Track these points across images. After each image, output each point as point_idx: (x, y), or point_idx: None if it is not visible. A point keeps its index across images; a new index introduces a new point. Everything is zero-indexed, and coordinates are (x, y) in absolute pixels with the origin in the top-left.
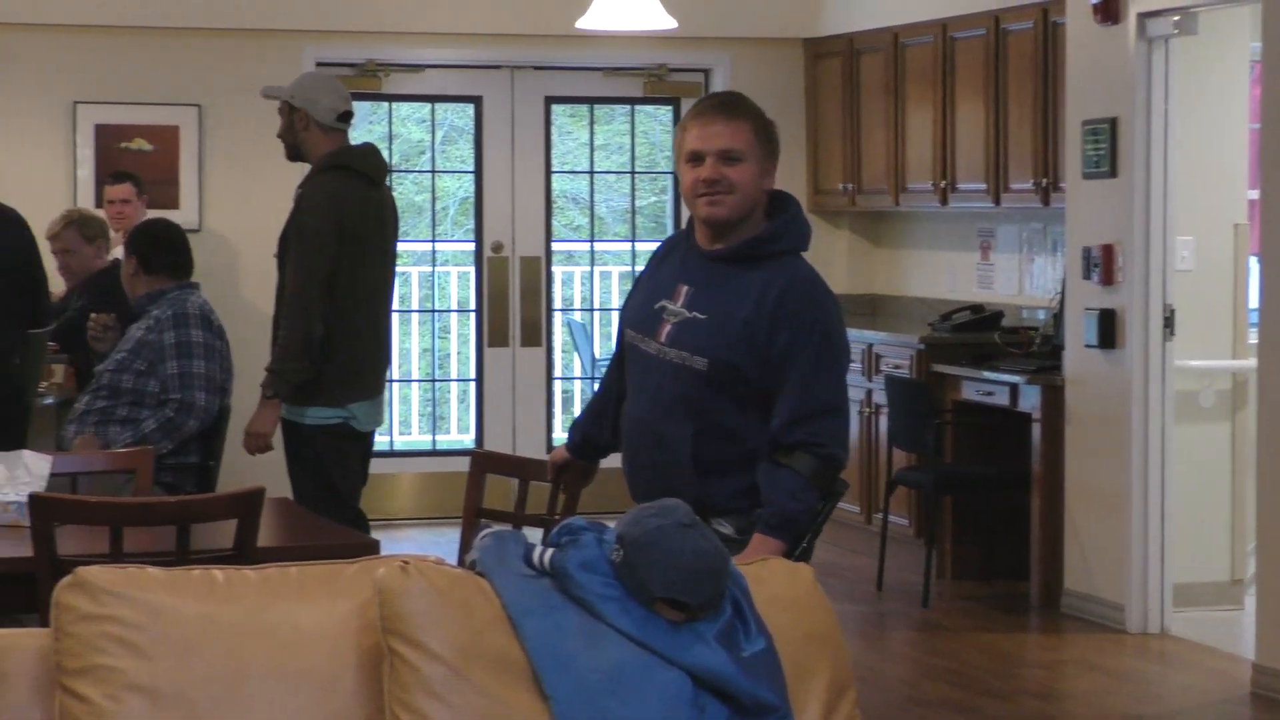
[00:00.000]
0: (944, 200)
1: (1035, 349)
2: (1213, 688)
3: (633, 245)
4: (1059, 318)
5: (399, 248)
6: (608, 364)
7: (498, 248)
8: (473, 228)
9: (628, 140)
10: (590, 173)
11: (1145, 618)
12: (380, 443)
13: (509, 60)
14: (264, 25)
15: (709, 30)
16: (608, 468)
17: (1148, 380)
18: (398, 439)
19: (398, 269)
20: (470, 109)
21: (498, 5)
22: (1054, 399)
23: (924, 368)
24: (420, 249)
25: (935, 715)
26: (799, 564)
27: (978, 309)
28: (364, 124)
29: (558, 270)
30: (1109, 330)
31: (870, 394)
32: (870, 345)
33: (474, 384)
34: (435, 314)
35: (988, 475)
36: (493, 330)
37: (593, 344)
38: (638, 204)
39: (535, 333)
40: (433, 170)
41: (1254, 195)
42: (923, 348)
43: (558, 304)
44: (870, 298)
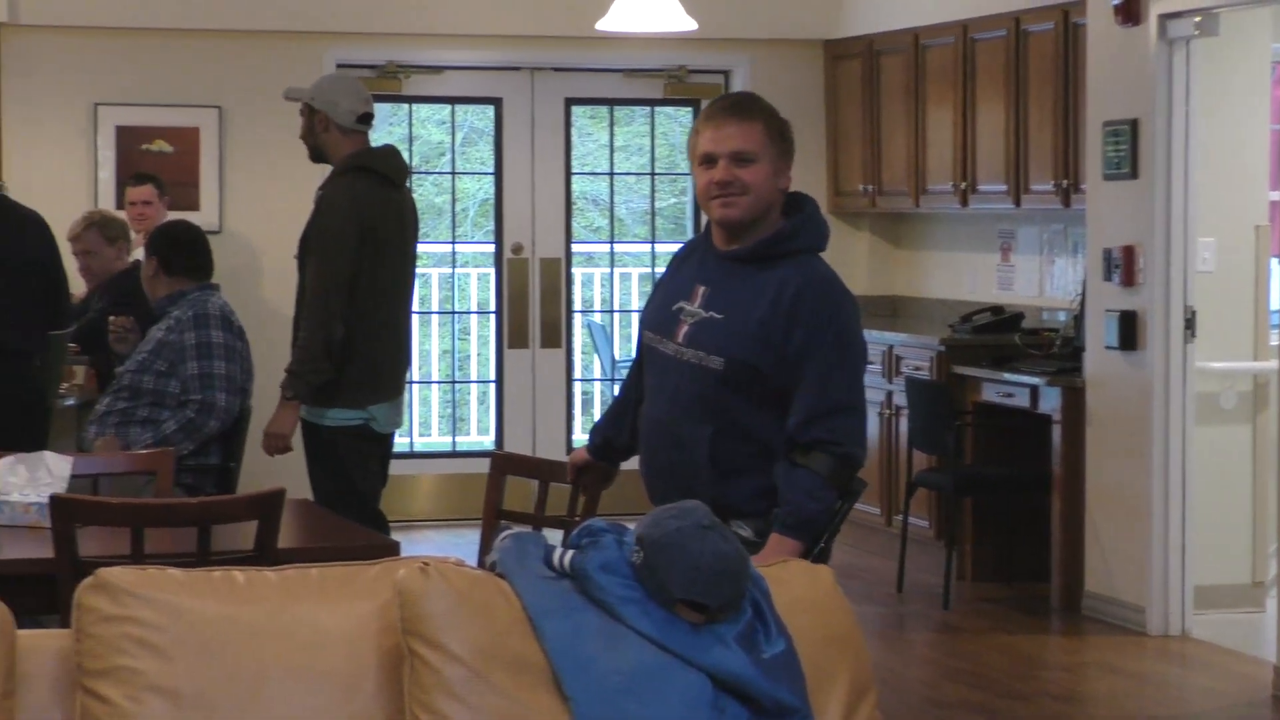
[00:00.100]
0: (964, 202)
1: (1056, 351)
2: (1234, 690)
3: (652, 247)
4: (1079, 319)
5: (419, 249)
6: (629, 367)
7: (518, 249)
8: (493, 229)
9: (648, 142)
10: (610, 174)
11: (1166, 620)
12: (400, 444)
13: (529, 62)
14: (284, 27)
15: (729, 32)
16: (627, 470)
17: (1168, 382)
18: (418, 440)
19: (418, 270)
20: (490, 110)
21: (518, 7)
22: (1074, 401)
23: (944, 369)
24: (440, 250)
25: (955, 717)
26: (819, 566)
27: (998, 311)
28: (384, 125)
29: (577, 272)
30: (1130, 332)
31: (890, 396)
32: (890, 347)
33: (494, 385)
34: (455, 315)
35: (1008, 477)
36: (513, 332)
37: (612, 345)
38: (657, 205)
39: (555, 334)
40: (453, 172)
41: (1275, 196)
42: (943, 349)
43: (577, 305)
44: (890, 299)
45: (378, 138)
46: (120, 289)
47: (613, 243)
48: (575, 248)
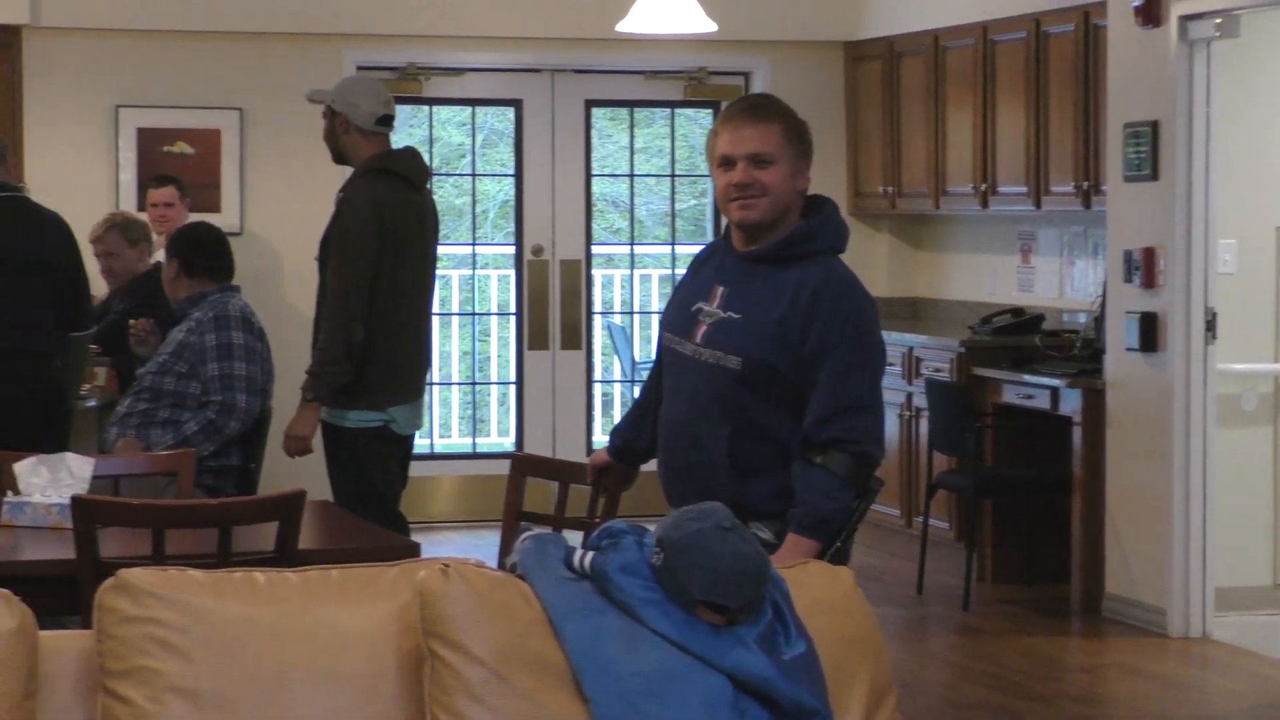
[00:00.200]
0: (984, 203)
1: (1076, 352)
2: (1255, 692)
3: (672, 248)
4: (1100, 321)
5: (439, 251)
6: (649, 369)
7: (538, 251)
8: (513, 231)
9: (668, 143)
10: (630, 176)
11: (1187, 622)
12: (420, 445)
13: (549, 63)
14: (305, 29)
15: (749, 33)
16: (647, 471)
17: (1189, 384)
18: (438, 442)
19: (438, 272)
20: (510, 112)
21: (538, 8)
22: (1095, 402)
23: (964, 371)
24: (460, 252)
25: (975, 719)
26: (839, 567)
27: (1018, 312)
28: (404, 127)
29: (598, 273)
30: (1150, 333)
31: (910, 397)
32: (911, 348)
33: (514, 387)
34: (475, 317)
35: (1028, 479)
36: (533, 333)
37: (633, 347)
38: (677, 207)
39: (575, 336)
40: (473, 173)
41: None
42: (963, 351)
43: (598, 307)
44: (910, 301)
45: (398, 139)
46: (141, 291)
47: (633, 244)
48: (595, 249)
